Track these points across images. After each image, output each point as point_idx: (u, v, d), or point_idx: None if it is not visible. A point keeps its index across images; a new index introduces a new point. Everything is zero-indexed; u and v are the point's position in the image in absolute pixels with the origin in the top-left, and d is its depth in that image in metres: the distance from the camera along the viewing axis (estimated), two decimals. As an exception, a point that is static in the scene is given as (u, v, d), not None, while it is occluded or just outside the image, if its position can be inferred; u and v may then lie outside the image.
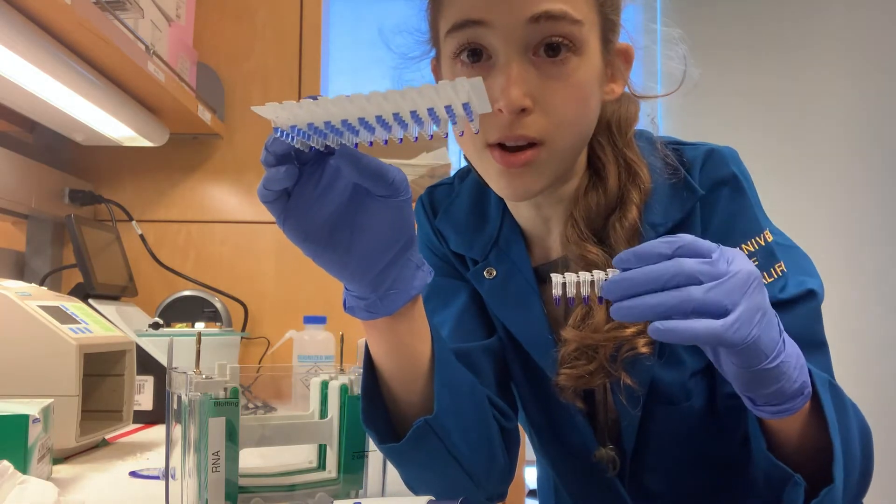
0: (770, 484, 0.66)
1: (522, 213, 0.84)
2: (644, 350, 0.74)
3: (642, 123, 0.84)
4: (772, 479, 0.65)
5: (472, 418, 0.72)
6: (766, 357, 0.56)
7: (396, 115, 0.49)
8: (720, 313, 0.53)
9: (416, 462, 0.71)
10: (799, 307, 0.73)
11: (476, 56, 0.71)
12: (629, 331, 0.75)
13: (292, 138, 0.52)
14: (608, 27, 0.74)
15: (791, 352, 0.59)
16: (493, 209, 0.87)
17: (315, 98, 0.51)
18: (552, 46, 0.69)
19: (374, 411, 0.70)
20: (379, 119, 0.49)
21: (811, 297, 0.74)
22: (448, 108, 0.50)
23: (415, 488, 0.75)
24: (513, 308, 0.83)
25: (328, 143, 0.53)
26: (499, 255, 0.84)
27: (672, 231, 0.77)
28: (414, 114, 0.49)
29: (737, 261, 0.55)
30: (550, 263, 0.83)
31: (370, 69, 2.11)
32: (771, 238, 0.76)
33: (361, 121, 0.49)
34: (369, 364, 0.69)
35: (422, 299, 0.67)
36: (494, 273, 0.83)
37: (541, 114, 0.70)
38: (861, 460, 0.67)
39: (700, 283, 0.53)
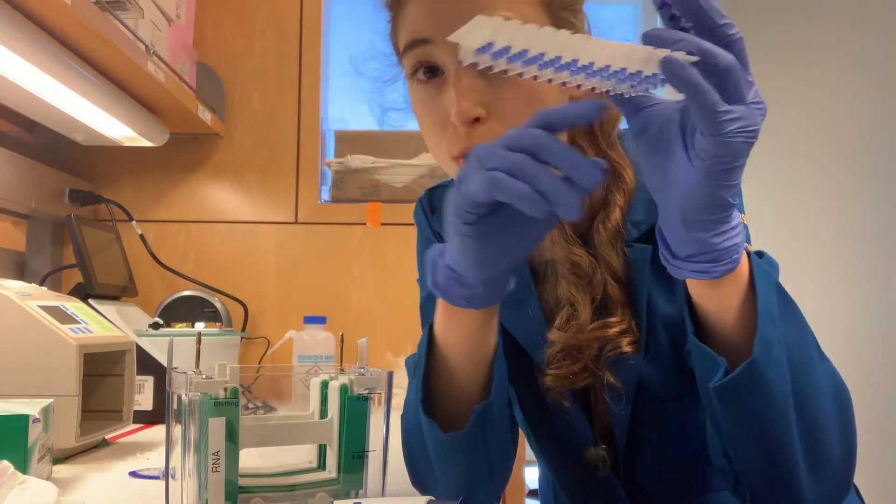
0: (703, 378, 0.64)
1: None
2: (627, 349, 0.75)
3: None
4: (703, 371, 0.63)
5: (508, 409, 0.75)
6: (734, 176, 0.52)
7: (586, 65, 0.50)
8: (729, 97, 0.50)
9: (462, 451, 0.72)
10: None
11: (432, 73, 0.72)
12: (613, 330, 0.75)
13: (493, 57, 0.51)
14: (560, 24, 0.73)
15: (740, 221, 0.57)
16: None
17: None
18: None
19: (433, 402, 0.71)
20: (570, 64, 0.50)
21: (761, 255, 0.74)
22: (630, 74, 0.51)
23: (427, 484, 0.76)
24: (510, 307, 0.83)
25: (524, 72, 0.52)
26: None
27: (653, 228, 0.78)
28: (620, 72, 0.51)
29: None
30: (544, 263, 0.83)
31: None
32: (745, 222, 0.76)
33: (562, 63, 0.50)
34: (431, 351, 0.71)
35: (426, 299, 0.67)
36: None
37: (495, 122, 0.69)
38: (837, 421, 0.64)
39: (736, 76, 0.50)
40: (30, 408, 0.83)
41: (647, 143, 0.56)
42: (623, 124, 0.84)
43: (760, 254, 0.74)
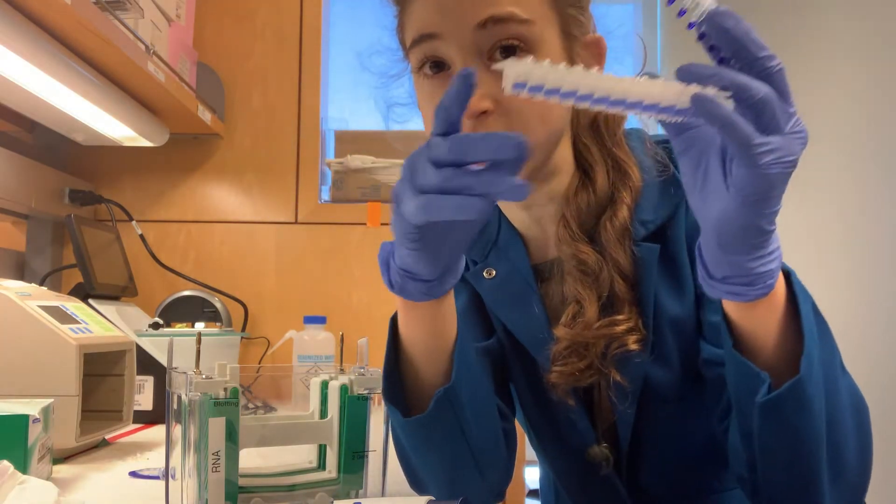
0: (740, 392, 0.64)
1: (515, 214, 0.85)
2: (634, 347, 0.75)
3: (635, 122, 0.84)
4: (741, 385, 0.63)
5: (482, 398, 0.74)
6: (772, 205, 0.52)
7: (620, 100, 0.53)
8: (766, 128, 0.51)
9: (433, 438, 0.72)
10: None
11: (439, 67, 0.72)
12: (619, 328, 0.75)
13: (530, 90, 0.54)
14: (568, 21, 0.74)
15: (777, 246, 0.57)
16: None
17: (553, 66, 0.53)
18: (505, 49, 0.70)
19: (397, 390, 0.71)
20: (605, 98, 0.53)
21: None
22: (657, 106, 0.53)
23: (420, 482, 0.76)
24: (513, 307, 0.83)
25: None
26: (498, 256, 0.85)
27: (662, 229, 0.78)
28: (639, 103, 0.53)
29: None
30: (548, 262, 0.83)
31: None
32: None
33: (595, 97, 0.53)
34: (395, 344, 0.71)
35: None
36: (494, 273, 0.84)
37: (502, 115, 0.70)
38: (855, 434, 0.65)
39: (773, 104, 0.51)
40: (30, 408, 0.83)
41: (688, 164, 0.56)
42: (629, 123, 0.84)
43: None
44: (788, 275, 0.61)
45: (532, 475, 1.23)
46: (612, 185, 0.79)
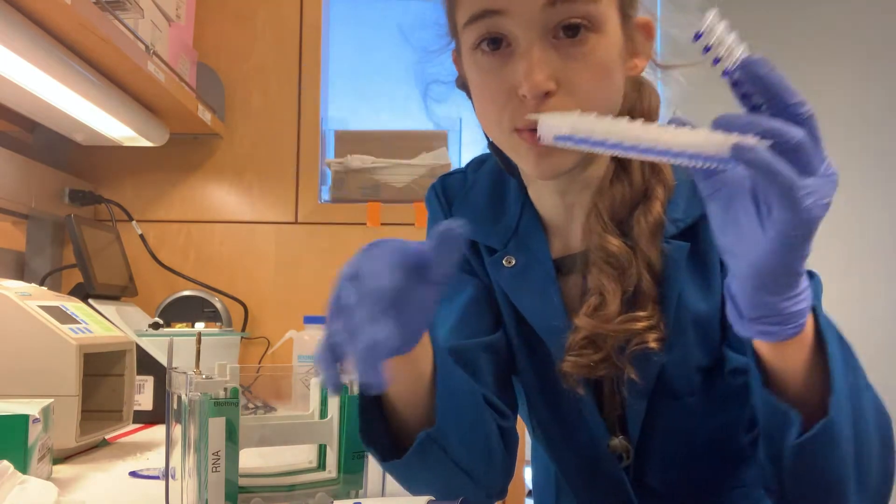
0: (770, 430, 0.64)
1: (546, 200, 0.84)
2: (653, 345, 0.74)
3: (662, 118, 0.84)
4: (771, 423, 0.64)
5: (470, 421, 0.73)
6: (809, 246, 0.53)
7: (663, 150, 0.54)
8: (801, 171, 0.52)
9: (418, 473, 0.71)
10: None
11: (496, 44, 0.71)
12: (640, 325, 0.75)
13: (574, 142, 0.56)
14: (626, 2, 0.74)
15: (807, 286, 0.58)
16: (511, 199, 0.87)
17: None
18: (571, 27, 0.69)
19: (375, 431, 0.70)
20: (648, 149, 0.55)
21: (812, 276, 0.74)
22: (700, 156, 0.54)
23: (414, 492, 0.75)
24: (531, 297, 0.82)
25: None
26: (518, 245, 0.84)
27: (691, 228, 0.78)
28: (671, 152, 0.54)
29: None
30: (571, 257, 0.83)
31: (370, 69, 2.11)
32: None
33: (641, 148, 0.54)
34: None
35: None
36: (514, 262, 0.83)
37: (565, 94, 0.70)
38: (879, 449, 0.66)
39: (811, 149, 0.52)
40: (30, 408, 0.83)
41: (719, 206, 0.57)
42: (660, 120, 0.84)
43: (811, 273, 0.74)
44: (814, 309, 0.62)
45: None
46: (646, 180, 0.79)
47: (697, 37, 0.56)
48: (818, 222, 0.52)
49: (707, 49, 0.56)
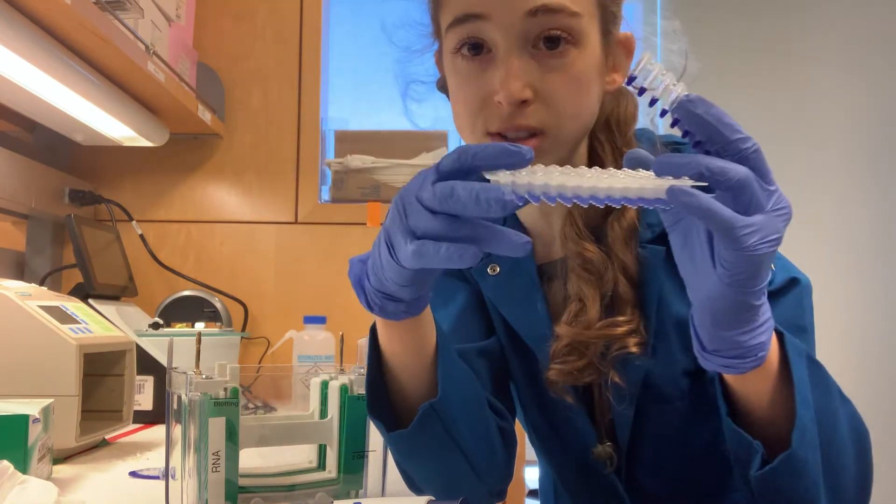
0: (738, 457, 0.65)
1: (525, 208, 0.84)
2: (634, 349, 0.75)
3: (641, 122, 0.84)
4: (739, 451, 0.64)
5: (473, 407, 0.74)
6: (759, 282, 0.53)
7: (605, 198, 0.53)
8: (747, 209, 0.51)
9: (421, 450, 0.72)
10: (786, 296, 0.74)
11: (477, 49, 0.72)
12: (620, 329, 0.75)
13: (522, 199, 0.55)
14: (608, 18, 0.75)
15: (768, 318, 0.57)
16: None
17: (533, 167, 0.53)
18: (551, 39, 0.70)
19: (381, 402, 0.71)
20: (591, 197, 0.54)
21: (795, 283, 0.75)
22: (641, 200, 0.53)
23: (418, 488, 0.76)
24: (515, 304, 0.83)
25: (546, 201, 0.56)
26: None
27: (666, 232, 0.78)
28: (614, 198, 0.53)
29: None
30: (553, 263, 0.83)
31: (370, 69, 2.11)
32: None
33: (584, 197, 0.53)
34: (377, 359, 0.71)
35: None
36: (498, 269, 0.84)
37: (541, 104, 0.70)
38: (855, 461, 0.66)
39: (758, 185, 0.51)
40: (30, 408, 0.83)
41: (678, 239, 0.57)
42: (639, 123, 0.84)
43: (795, 280, 0.74)
44: (781, 335, 0.62)
45: (532, 475, 1.23)
46: None
47: (631, 79, 0.56)
48: (768, 258, 0.52)
49: (642, 91, 0.56)
